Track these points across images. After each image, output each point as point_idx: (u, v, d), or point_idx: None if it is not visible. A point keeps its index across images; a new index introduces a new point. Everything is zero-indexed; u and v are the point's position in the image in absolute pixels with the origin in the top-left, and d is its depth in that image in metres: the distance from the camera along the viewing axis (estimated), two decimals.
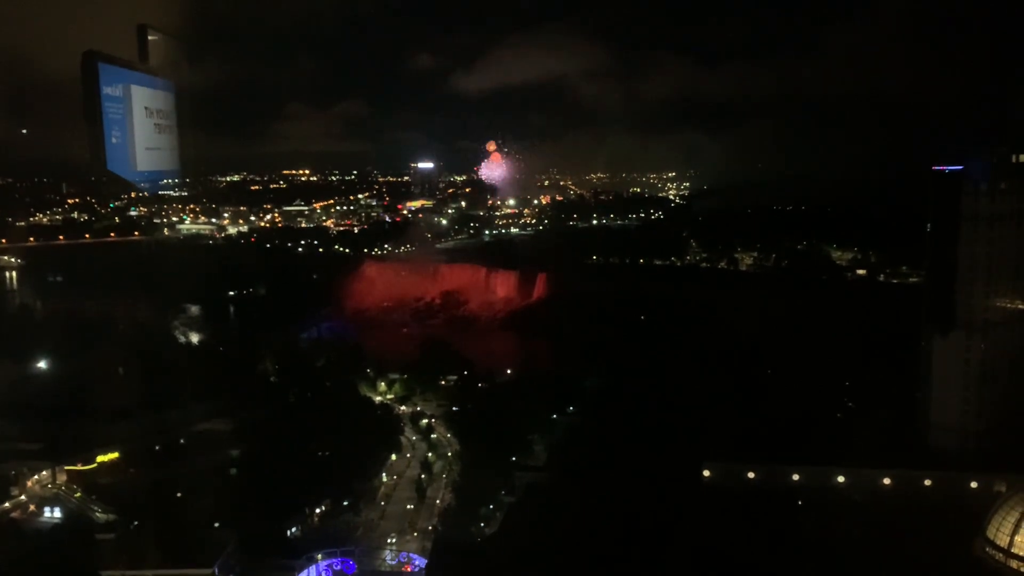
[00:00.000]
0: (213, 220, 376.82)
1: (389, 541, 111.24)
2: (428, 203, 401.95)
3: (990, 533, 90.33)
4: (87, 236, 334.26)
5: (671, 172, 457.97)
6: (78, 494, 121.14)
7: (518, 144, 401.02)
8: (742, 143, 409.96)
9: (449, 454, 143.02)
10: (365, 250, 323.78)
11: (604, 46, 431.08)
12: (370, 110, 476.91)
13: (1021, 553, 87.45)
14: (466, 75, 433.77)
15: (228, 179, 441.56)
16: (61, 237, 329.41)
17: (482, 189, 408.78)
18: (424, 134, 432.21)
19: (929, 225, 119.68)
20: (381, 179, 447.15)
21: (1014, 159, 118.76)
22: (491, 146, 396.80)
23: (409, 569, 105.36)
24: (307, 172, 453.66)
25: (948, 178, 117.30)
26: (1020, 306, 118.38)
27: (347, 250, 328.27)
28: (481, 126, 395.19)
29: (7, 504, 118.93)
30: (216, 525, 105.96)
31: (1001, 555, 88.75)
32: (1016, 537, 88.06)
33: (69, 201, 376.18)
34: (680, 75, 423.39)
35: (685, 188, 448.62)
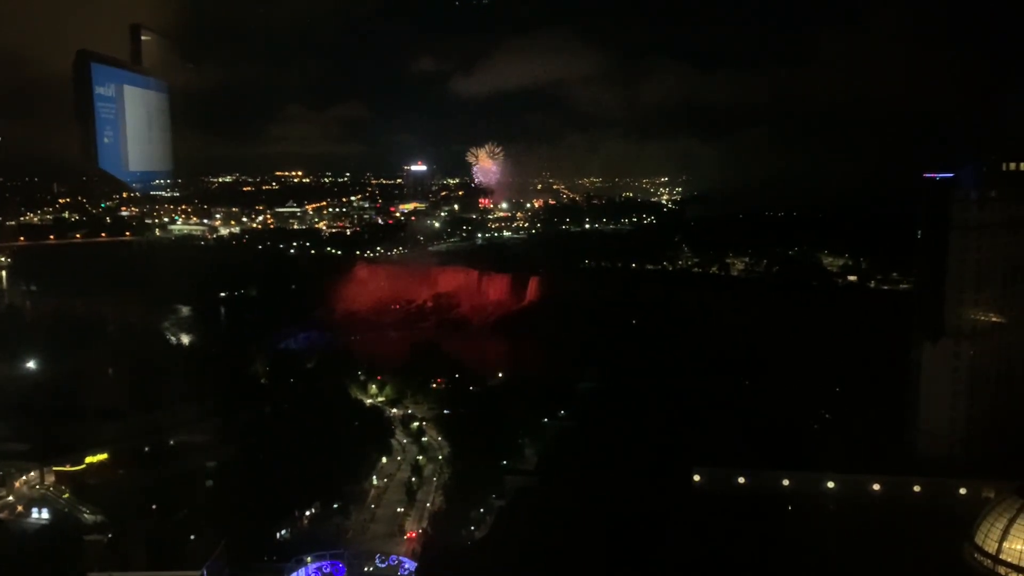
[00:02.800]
0: (205, 221, 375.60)
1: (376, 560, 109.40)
2: (421, 206, 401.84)
3: (979, 539, 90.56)
4: (78, 236, 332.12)
5: (664, 177, 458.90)
6: (66, 495, 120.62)
7: (511, 148, 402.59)
8: (735, 149, 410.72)
9: (440, 457, 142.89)
10: (357, 252, 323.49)
11: (598, 51, 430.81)
12: (364, 112, 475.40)
13: (1009, 559, 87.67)
14: (460, 79, 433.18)
15: (220, 180, 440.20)
16: (51, 237, 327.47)
17: (475, 192, 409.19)
18: (417, 137, 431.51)
19: (919, 232, 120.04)
20: (374, 181, 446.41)
21: (1004, 167, 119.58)
22: (484, 149, 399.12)
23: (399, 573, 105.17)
24: (300, 174, 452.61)
25: (938, 186, 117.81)
26: (1009, 314, 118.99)
27: (339, 252, 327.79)
28: (474, 129, 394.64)
29: None
30: (205, 527, 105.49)
31: (989, 561, 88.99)
32: (1004, 543, 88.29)
33: (60, 201, 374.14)
34: (673, 81, 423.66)
35: (677, 193, 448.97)
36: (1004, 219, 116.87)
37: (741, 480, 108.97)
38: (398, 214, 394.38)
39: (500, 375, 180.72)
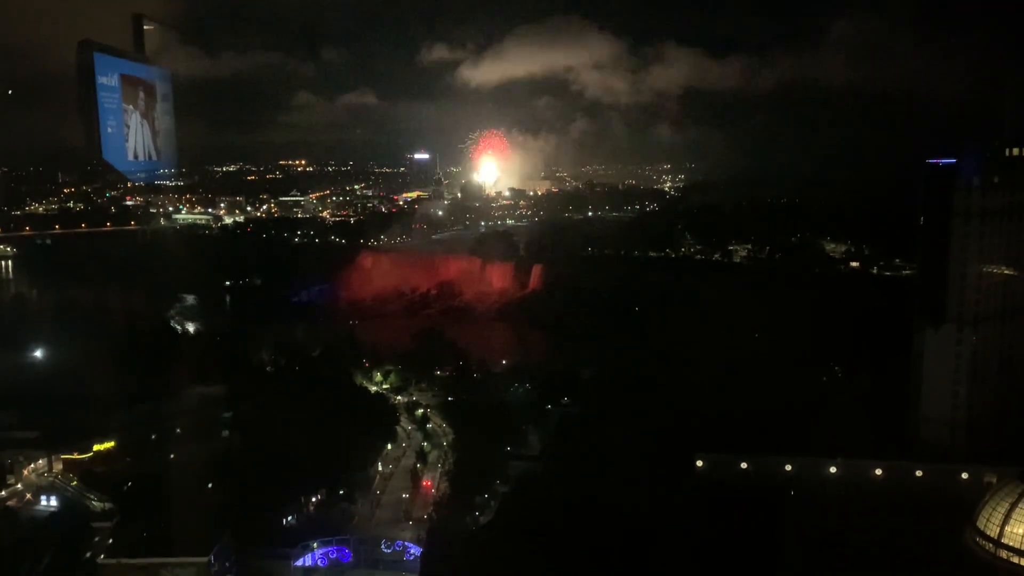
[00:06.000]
0: (209, 210, 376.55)
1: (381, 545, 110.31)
2: (424, 194, 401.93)
3: (980, 524, 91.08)
4: (83, 226, 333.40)
5: (667, 164, 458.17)
6: (74, 482, 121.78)
7: (515, 135, 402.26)
8: (738, 136, 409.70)
9: (444, 443, 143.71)
10: (361, 241, 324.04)
11: (604, 40, 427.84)
12: (369, 100, 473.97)
13: (1011, 543, 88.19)
14: (464, 67, 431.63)
15: (224, 169, 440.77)
16: (57, 227, 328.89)
17: (478, 180, 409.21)
18: (421, 124, 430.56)
19: (921, 219, 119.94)
20: (377, 170, 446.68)
21: (1007, 153, 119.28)
22: (488, 137, 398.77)
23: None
24: (303, 162, 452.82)
25: (941, 171, 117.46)
26: (1011, 300, 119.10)
27: (343, 240, 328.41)
28: (478, 117, 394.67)
29: (3, 493, 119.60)
30: (212, 514, 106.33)
31: (991, 545, 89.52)
32: (1006, 527, 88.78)
33: (65, 191, 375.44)
34: (678, 69, 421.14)
35: (680, 180, 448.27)
36: (1007, 205, 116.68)
37: (743, 466, 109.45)
38: (401, 202, 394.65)
39: (504, 362, 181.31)
